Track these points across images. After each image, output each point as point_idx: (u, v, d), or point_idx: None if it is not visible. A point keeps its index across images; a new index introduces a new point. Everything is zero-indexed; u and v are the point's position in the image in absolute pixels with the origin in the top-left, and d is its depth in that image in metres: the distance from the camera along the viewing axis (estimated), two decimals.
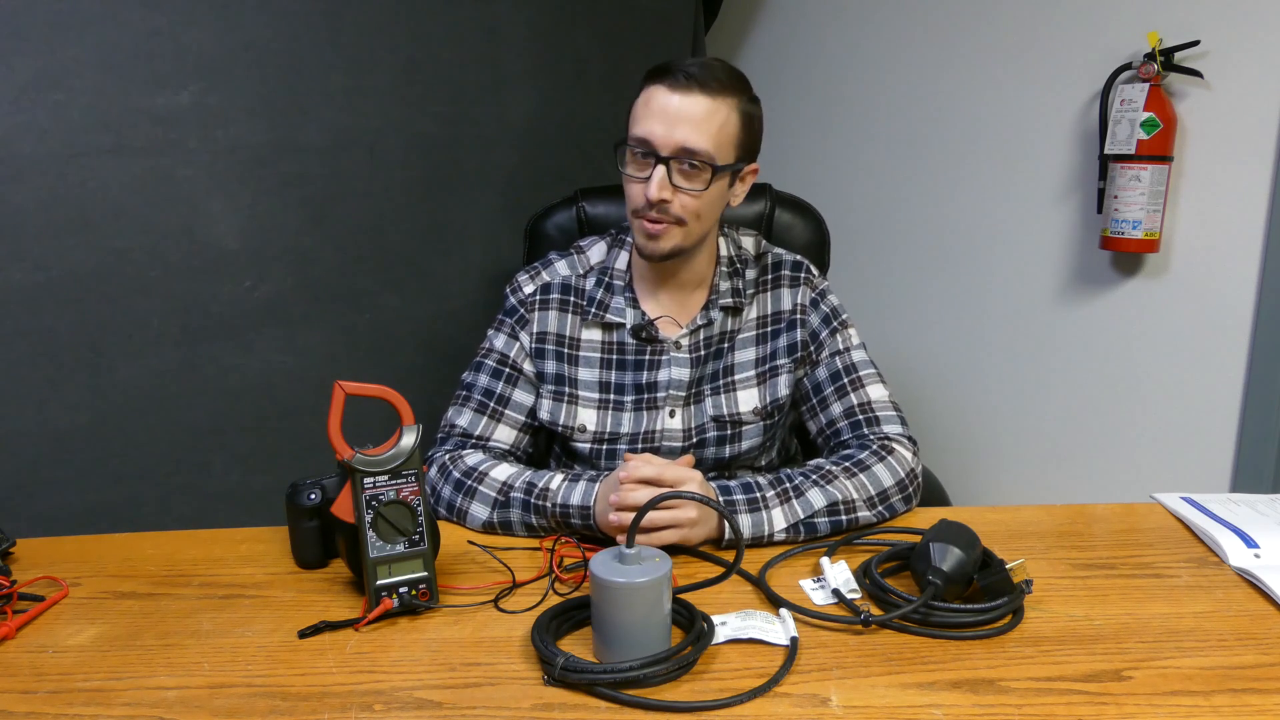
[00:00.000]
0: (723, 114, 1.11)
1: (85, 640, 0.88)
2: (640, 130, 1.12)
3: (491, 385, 1.25)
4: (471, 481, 1.13)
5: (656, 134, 1.10)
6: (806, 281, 1.26)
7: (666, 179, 1.11)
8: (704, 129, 1.10)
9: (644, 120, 1.12)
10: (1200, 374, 1.90)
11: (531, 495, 1.10)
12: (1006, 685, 0.77)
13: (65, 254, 1.36)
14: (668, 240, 1.15)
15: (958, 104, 2.13)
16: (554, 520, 1.09)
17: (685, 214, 1.13)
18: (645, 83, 1.14)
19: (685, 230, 1.15)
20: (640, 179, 1.13)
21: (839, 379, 1.23)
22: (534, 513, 1.09)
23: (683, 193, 1.12)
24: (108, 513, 1.43)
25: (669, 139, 1.10)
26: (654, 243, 1.15)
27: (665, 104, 1.10)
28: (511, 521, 1.11)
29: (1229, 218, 1.82)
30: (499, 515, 1.11)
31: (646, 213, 1.13)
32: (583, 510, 1.07)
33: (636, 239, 1.18)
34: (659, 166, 1.10)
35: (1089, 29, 1.91)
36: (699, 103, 1.10)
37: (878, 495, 1.10)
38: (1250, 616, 0.88)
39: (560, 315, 1.26)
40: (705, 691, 0.77)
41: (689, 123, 1.10)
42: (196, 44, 1.41)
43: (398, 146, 1.65)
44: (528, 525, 1.10)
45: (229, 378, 1.52)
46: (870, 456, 1.13)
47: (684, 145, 1.10)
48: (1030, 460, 2.16)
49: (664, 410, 1.24)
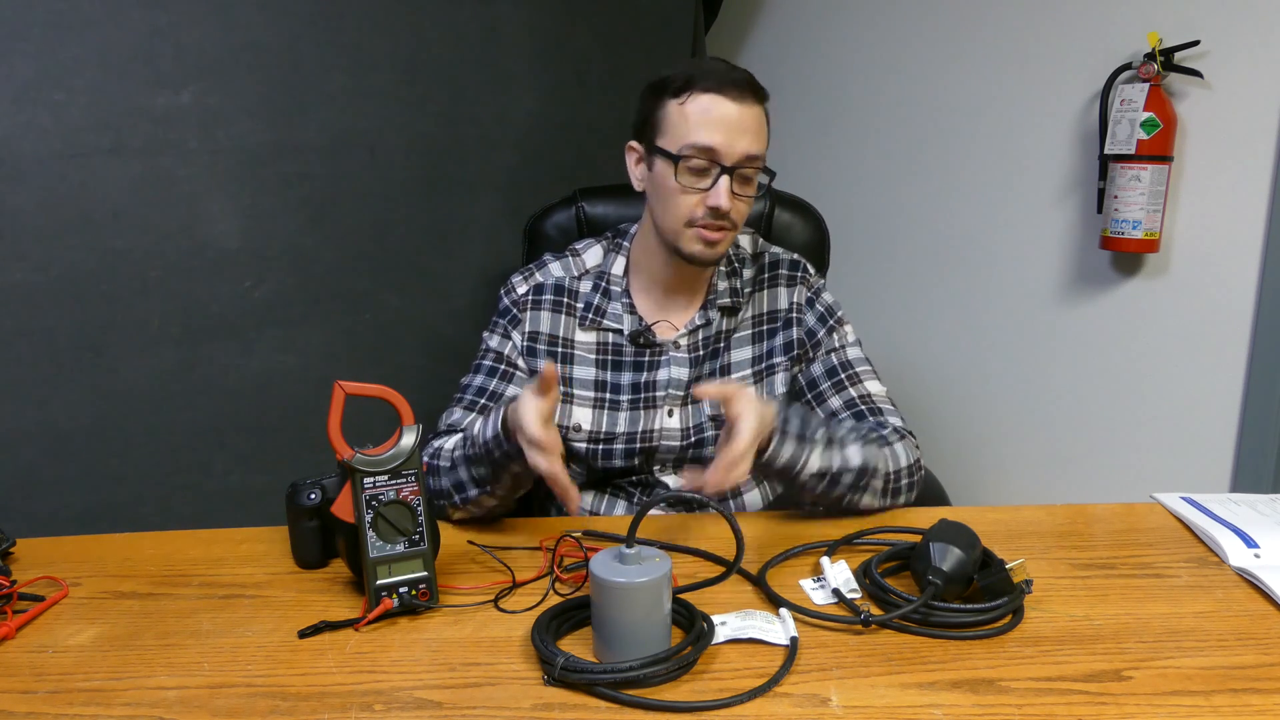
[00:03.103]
0: (765, 120, 1.16)
1: (85, 640, 0.88)
2: (702, 140, 1.11)
3: (485, 384, 1.25)
4: (433, 459, 1.14)
5: (721, 144, 1.11)
6: (803, 280, 1.27)
7: (730, 188, 1.12)
8: (760, 136, 1.14)
9: (706, 130, 1.11)
10: (1200, 374, 1.90)
11: (465, 447, 1.10)
12: (1006, 685, 0.77)
13: (65, 254, 1.36)
14: (725, 245, 1.17)
15: (958, 104, 2.13)
16: (486, 463, 1.06)
17: (738, 219, 1.16)
18: (692, 89, 1.12)
19: (732, 234, 1.17)
20: (699, 189, 1.13)
21: (835, 374, 1.23)
22: (473, 463, 1.08)
23: (740, 200, 1.14)
24: (108, 513, 1.43)
25: (733, 149, 1.11)
26: (713, 249, 1.16)
27: (727, 114, 1.11)
28: (463, 480, 1.10)
29: (1229, 218, 1.82)
30: (452, 478, 1.10)
31: (706, 221, 1.14)
32: (497, 439, 1.04)
33: (689, 247, 1.16)
34: (724, 177, 1.11)
35: (1089, 29, 1.91)
36: (755, 111, 1.13)
37: (894, 473, 1.11)
38: (1250, 616, 0.88)
39: (553, 316, 1.26)
40: (705, 691, 0.77)
41: (750, 132, 1.12)
42: (196, 44, 1.41)
43: (398, 146, 1.65)
44: (474, 479, 1.08)
45: (229, 378, 1.52)
46: (892, 434, 1.15)
47: (748, 153, 1.12)
48: (1030, 460, 2.16)
49: (662, 410, 1.24)
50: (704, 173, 1.12)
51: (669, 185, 1.14)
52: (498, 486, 1.08)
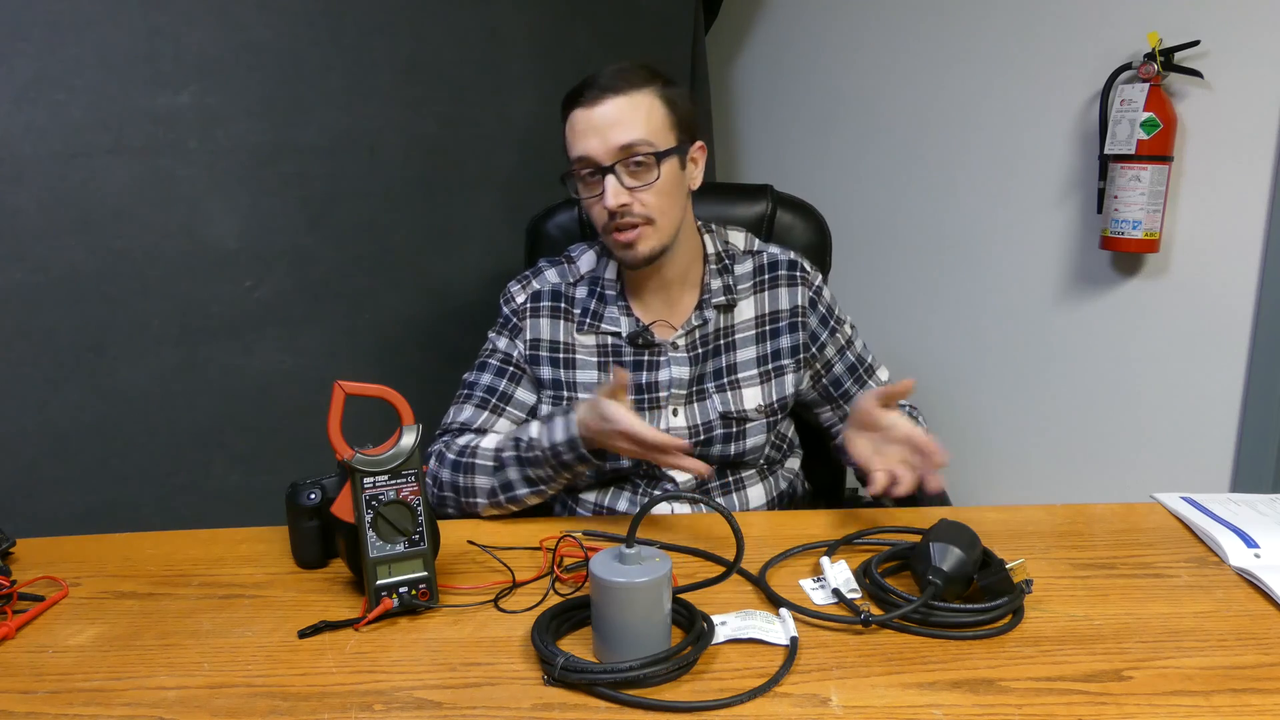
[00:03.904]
0: (644, 104, 1.14)
1: (85, 640, 0.88)
2: (576, 152, 1.15)
3: (494, 383, 1.25)
4: (467, 458, 1.15)
5: (592, 147, 1.13)
6: (803, 281, 1.27)
7: (619, 185, 1.13)
8: (632, 123, 1.13)
9: (576, 142, 1.15)
10: (1200, 374, 1.90)
11: (520, 450, 1.12)
12: (1006, 685, 0.77)
13: (65, 254, 1.36)
14: (644, 243, 1.16)
15: (958, 104, 2.13)
16: (549, 465, 1.10)
17: (650, 211, 1.15)
18: (564, 111, 1.17)
19: (657, 228, 1.16)
20: (595, 196, 1.16)
21: (855, 371, 1.30)
22: (529, 465, 1.11)
23: (639, 191, 1.14)
24: (108, 513, 1.43)
25: (605, 146, 1.13)
26: (632, 250, 1.17)
27: (588, 118, 1.13)
28: (512, 481, 1.12)
29: (1229, 218, 1.82)
30: (499, 479, 1.13)
31: (613, 224, 1.15)
32: (570, 443, 1.08)
33: (617, 254, 1.20)
34: (608, 177, 1.13)
35: (1089, 29, 1.91)
36: (617, 104, 1.13)
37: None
38: (1250, 616, 0.88)
39: (552, 322, 1.26)
40: (705, 691, 0.77)
41: (616, 124, 1.13)
42: (196, 44, 1.41)
43: (398, 146, 1.65)
44: (527, 479, 1.12)
45: (229, 378, 1.52)
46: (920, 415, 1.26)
47: (620, 144, 1.12)
48: (1030, 460, 2.16)
49: (666, 409, 1.24)
50: (595, 181, 1.15)
51: (581, 203, 1.20)
52: (553, 486, 1.13)
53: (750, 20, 2.46)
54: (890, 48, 2.22)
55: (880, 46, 2.24)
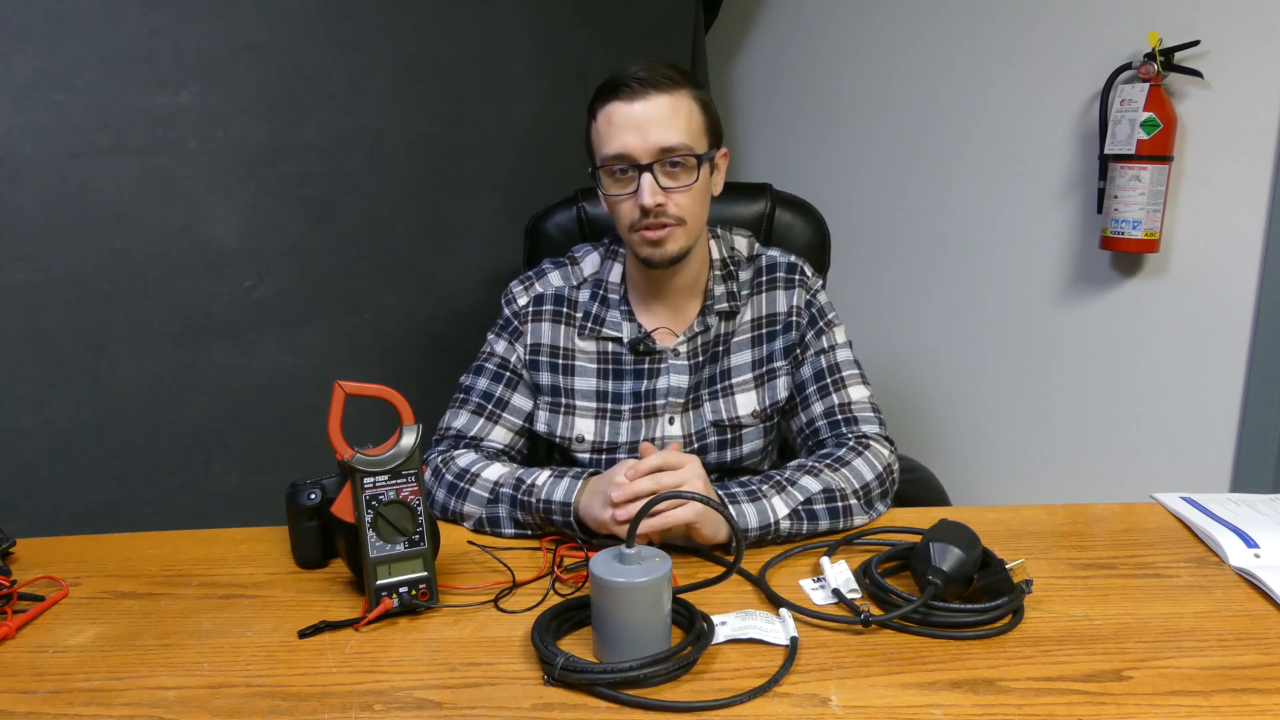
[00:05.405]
0: (685, 106, 1.13)
1: (85, 640, 0.88)
2: (613, 148, 1.12)
3: (491, 388, 1.25)
4: (464, 484, 1.13)
5: (632, 144, 1.11)
6: (801, 284, 1.26)
7: (656, 184, 1.11)
8: (675, 124, 1.11)
9: (613, 137, 1.12)
10: (1200, 374, 1.90)
11: (519, 491, 1.09)
12: (1006, 685, 0.77)
13: (65, 254, 1.36)
14: (673, 242, 1.15)
15: (958, 104, 2.13)
16: (537, 516, 1.08)
17: (682, 212, 1.13)
18: (597, 104, 1.14)
19: (686, 230, 1.15)
20: (628, 194, 1.13)
21: (822, 378, 1.23)
22: (519, 508, 1.09)
23: (674, 193, 1.12)
24: (108, 513, 1.43)
25: (645, 145, 1.10)
26: (660, 249, 1.15)
27: (629, 114, 1.11)
28: (499, 517, 1.11)
29: (1229, 218, 1.82)
30: (488, 511, 1.11)
31: (644, 222, 1.13)
32: (564, 506, 1.06)
33: (640, 251, 1.16)
34: (644, 175, 1.11)
35: (1089, 29, 1.91)
36: (661, 102, 1.11)
37: (861, 488, 1.09)
38: (1250, 616, 0.88)
39: (554, 327, 1.25)
40: (705, 691, 0.77)
41: (659, 123, 1.10)
42: (196, 44, 1.41)
43: (398, 146, 1.65)
44: (514, 520, 1.10)
45: (229, 378, 1.52)
46: (849, 453, 1.13)
47: (662, 145, 1.10)
48: (1030, 460, 2.16)
49: (663, 418, 1.24)
50: (628, 178, 1.13)
51: (607, 198, 1.17)
52: (538, 533, 1.10)
53: (750, 20, 2.46)
54: (890, 48, 2.22)
55: (880, 46, 2.24)
